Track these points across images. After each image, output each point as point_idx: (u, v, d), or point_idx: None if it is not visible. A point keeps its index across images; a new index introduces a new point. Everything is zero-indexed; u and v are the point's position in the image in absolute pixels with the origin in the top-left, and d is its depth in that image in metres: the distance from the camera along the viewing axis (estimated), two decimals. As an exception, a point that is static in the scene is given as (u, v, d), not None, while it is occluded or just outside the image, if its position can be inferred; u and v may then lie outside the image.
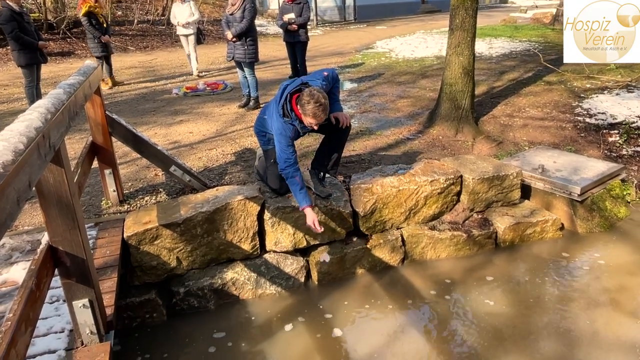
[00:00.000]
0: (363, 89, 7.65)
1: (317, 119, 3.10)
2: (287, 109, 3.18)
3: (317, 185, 3.64)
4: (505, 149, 5.19)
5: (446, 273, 3.74)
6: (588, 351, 2.90)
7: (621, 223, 4.29)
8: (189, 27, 8.59)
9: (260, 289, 3.51)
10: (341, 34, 15.90)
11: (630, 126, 5.46)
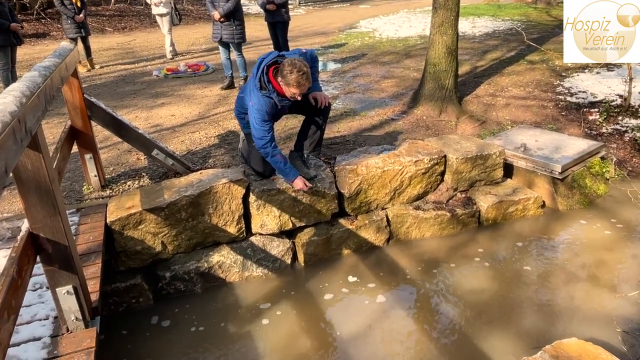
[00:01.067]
0: (347, 70, 7.60)
1: (301, 88, 3.07)
2: (264, 81, 3.15)
3: (302, 168, 3.63)
4: (489, 128, 5.23)
5: (431, 252, 3.79)
6: (568, 324, 2.99)
7: (600, 200, 4.39)
8: (162, 6, 8.31)
9: (247, 271, 3.52)
10: (324, 14, 15.69)
11: (610, 105, 5.54)
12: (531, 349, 2.71)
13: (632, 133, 5.18)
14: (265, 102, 3.18)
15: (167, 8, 8.35)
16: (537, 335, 2.89)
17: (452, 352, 2.83)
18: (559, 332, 2.88)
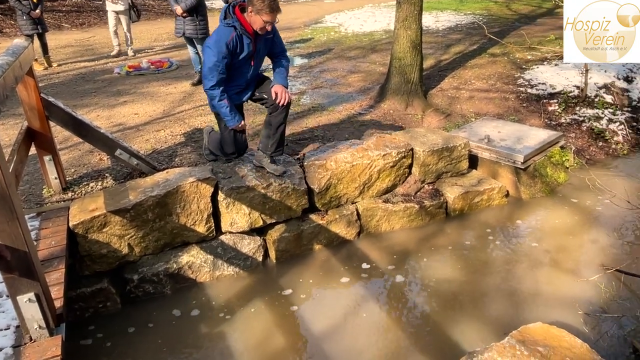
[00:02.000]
0: (314, 65, 7.59)
1: (272, 15, 3.05)
2: (229, 12, 3.14)
3: (270, 165, 3.61)
4: (453, 120, 5.33)
5: (401, 244, 3.85)
6: (533, 308, 3.09)
7: (561, 188, 4.55)
8: (120, 3, 7.95)
9: (218, 270, 3.47)
10: (289, 8, 15.59)
11: (568, 96, 5.75)
12: (500, 335, 2.79)
13: (589, 123, 5.40)
14: (225, 33, 3.09)
15: (124, 5, 8.01)
16: (505, 321, 2.98)
17: (425, 341, 2.88)
18: (525, 317, 2.97)
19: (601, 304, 3.08)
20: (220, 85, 3.21)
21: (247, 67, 3.35)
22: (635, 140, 5.41)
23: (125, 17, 8.12)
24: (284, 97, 3.34)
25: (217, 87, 3.21)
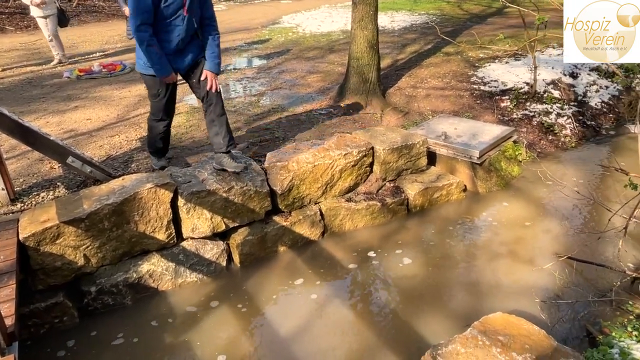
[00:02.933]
0: (272, 66, 7.55)
1: None
2: None
3: (231, 163, 3.57)
4: (411, 118, 5.43)
5: (365, 242, 3.89)
6: (493, 299, 3.19)
7: (515, 181, 4.73)
8: (46, 7, 7.24)
9: (180, 278, 3.39)
10: (246, 9, 15.45)
11: (518, 92, 5.97)
12: (462, 326, 2.86)
13: (539, 117, 5.63)
14: None
15: (51, 9, 7.35)
16: (467, 312, 3.07)
17: (391, 337, 2.92)
18: (486, 308, 3.07)
19: (556, 291, 3.22)
20: (148, 27, 3.11)
21: (179, 21, 3.22)
22: (581, 133, 5.69)
23: (53, 23, 7.44)
24: (214, 84, 3.38)
25: (145, 29, 3.10)
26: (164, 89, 3.46)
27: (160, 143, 3.86)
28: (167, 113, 3.66)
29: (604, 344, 2.59)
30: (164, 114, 3.63)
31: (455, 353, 2.12)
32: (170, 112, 3.70)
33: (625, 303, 3.01)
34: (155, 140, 3.83)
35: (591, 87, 6.44)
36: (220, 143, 3.55)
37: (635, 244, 3.61)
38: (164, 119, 3.68)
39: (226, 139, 3.55)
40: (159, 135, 3.77)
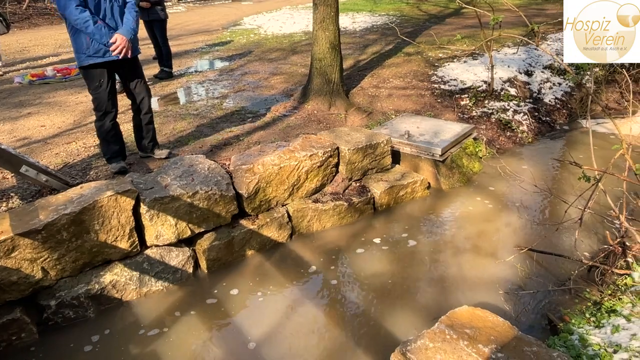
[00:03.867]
0: (235, 68, 7.47)
1: None
2: None
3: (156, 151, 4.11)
4: (375, 118, 5.50)
5: (333, 242, 3.90)
6: (459, 293, 3.27)
7: (476, 177, 4.86)
8: None
9: (145, 287, 3.30)
10: (206, 11, 15.23)
11: (477, 90, 6.15)
12: (430, 321, 2.91)
13: (497, 114, 5.81)
14: None
15: None
16: (435, 307, 3.12)
17: (361, 335, 2.94)
18: (452, 302, 3.14)
19: (518, 282, 3.33)
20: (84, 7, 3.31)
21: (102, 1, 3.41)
22: (537, 129, 5.92)
23: None
24: (121, 45, 3.46)
25: (83, 9, 3.30)
26: (105, 78, 3.57)
27: (115, 144, 3.83)
28: (112, 103, 3.69)
29: (565, 331, 2.69)
30: (108, 105, 3.67)
31: (424, 348, 2.15)
32: (114, 103, 3.72)
33: (583, 291, 3.14)
34: (108, 142, 3.80)
35: (545, 84, 6.71)
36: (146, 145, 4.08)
37: (590, 234, 3.77)
38: (109, 110, 3.70)
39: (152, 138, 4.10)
40: (110, 133, 3.76)
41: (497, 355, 2.08)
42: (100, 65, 3.53)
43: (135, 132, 4.07)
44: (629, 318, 2.63)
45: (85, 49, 3.44)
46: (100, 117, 3.70)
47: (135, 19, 3.60)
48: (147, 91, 3.92)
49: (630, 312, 2.66)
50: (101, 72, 3.56)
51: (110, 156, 3.85)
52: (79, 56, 3.50)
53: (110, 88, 3.64)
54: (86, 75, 3.59)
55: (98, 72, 3.55)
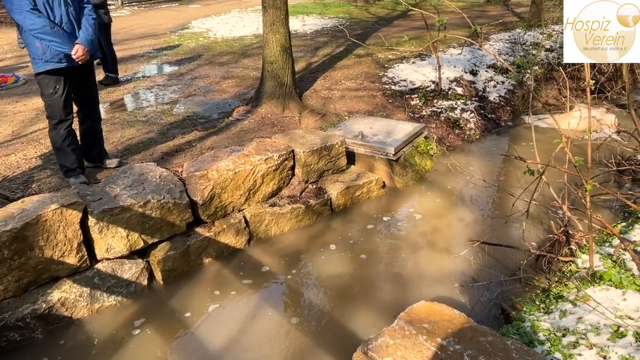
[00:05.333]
0: (184, 72, 7.31)
1: None
2: None
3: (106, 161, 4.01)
4: (329, 120, 5.53)
5: (292, 245, 3.89)
6: (416, 288, 3.34)
7: (429, 174, 4.99)
8: None
9: (97, 303, 3.16)
10: (152, 14, 14.81)
11: (426, 90, 6.32)
12: (390, 318, 2.96)
13: (446, 113, 6.00)
14: None
15: None
16: (394, 304, 3.18)
17: (324, 337, 2.95)
18: (411, 298, 3.19)
19: (472, 275, 3.45)
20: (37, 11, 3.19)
21: (56, 3, 3.29)
22: (484, 126, 6.16)
23: None
24: (82, 56, 3.38)
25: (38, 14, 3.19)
26: (61, 85, 3.42)
27: (72, 154, 3.65)
28: (67, 112, 3.55)
29: (517, 319, 2.81)
30: (63, 113, 3.52)
31: (385, 346, 2.18)
32: (69, 111, 3.58)
33: (532, 279, 3.30)
34: (65, 152, 3.62)
35: (489, 83, 7.00)
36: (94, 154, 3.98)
37: (537, 224, 3.96)
38: (64, 118, 3.56)
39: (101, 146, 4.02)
40: (65, 142, 3.58)
41: (455, 347, 2.14)
42: (58, 71, 3.39)
43: (83, 140, 3.89)
44: (575, 303, 2.78)
45: (42, 54, 3.30)
46: (54, 126, 3.53)
47: (93, 27, 3.51)
48: (97, 98, 3.83)
49: (576, 297, 2.82)
50: (57, 79, 3.41)
51: (67, 168, 3.66)
52: (35, 62, 3.36)
53: (66, 95, 3.50)
54: (41, 81, 3.42)
55: (54, 79, 3.41)
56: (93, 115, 3.83)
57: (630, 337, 2.39)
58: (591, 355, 2.33)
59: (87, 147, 3.92)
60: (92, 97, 3.77)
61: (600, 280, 2.89)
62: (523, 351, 2.13)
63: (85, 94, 3.71)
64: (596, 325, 2.53)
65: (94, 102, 3.80)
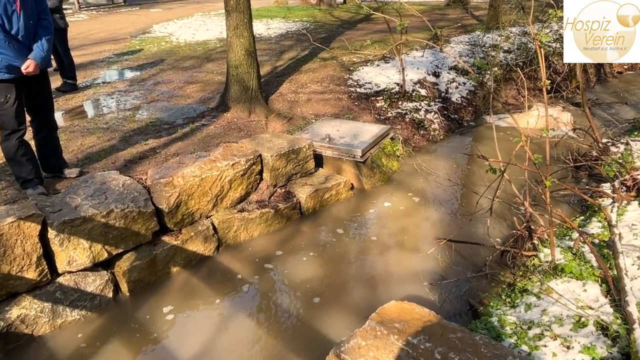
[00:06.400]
0: (146, 77, 7.14)
1: None
2: None
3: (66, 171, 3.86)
4: (296, 123, 5.53)
5: (261, 250, 3.85)
6: (387, 288, 3.38)
7: (396, 175, 5.06)
8: None
9: (60, 318, 3.04)
10: (111, 19, 14.42)
11: (391, 92, 6.41)
12: (362, 320, 2.98)
13: (411, 115, 6.10)
14: None
15: None
16: (366, 305, 3.19)
17: (297, 340, 2.93)
18: (382, 298, 3.22)
19: (440, 272, 3.51)
20: None
21: (15, 16, 3.21)
22: (447, 127, 6.30)
23: None
24: (31, 70, 3.31)
25: None
26: (13, 94, 3.30)
27: (27, 164, 3.50)
28: (19, 121, 3.41)
29: (485, 314, 2.88)
30: (15, 123, 3.38)
31: (357, 347, 2.19)
32: (22, 120, 3.44)
33: (498, 274, 3.39)
34: (19, 163, 3.47)
35: (452, 84, 7.16)
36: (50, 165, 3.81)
37: (501, 221, 4.08)
38: (17, 128, 3.41)
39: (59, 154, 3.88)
40: (19, 152, 3.44)
41: (426, 345, 2.17)
42: (9, 80, 3.26)
43: (39, 151, 3.74)
44: (539, 295, 2.88)
45: None
46: (5, 137, 3.38)
47: (50, 42, 3.44)
48: (52, 106, 3.73)
49: (540, 290, 2.91)
50: (8, 87, 3.29)
51: (24, 179, 3.51)
52: None
53: (18, 104, 3.36)
54: None
55: (5, 87, 3.29)
56: (48, 124, 3.70)
57: (591, 327, 2.49)
58: (556, 345, 2.42)
59: (44, 157, 3.77)
60: (47, 105, 3.65)
61: (562, 273, 3.00)
62: (491, 345, 2.18)
63: (39, 103, 3.58)
64: (559, 316, 2.62)
65: (48, 111, 3.67)
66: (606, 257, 3.04)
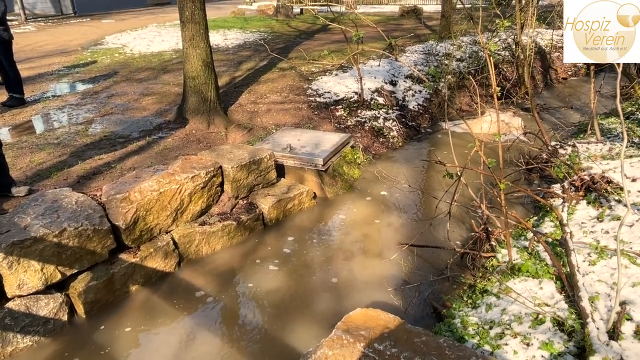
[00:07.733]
0: (99, 90, 6.92)
1: None
2: None
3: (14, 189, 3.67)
4: (256, 134, 5.50)
5: (225, 264, 3.78)
6: (352, 296, 3.38)
7: (357, 183, 5.11)
8: None
9: (10, 346, 2.86)
10: (61, 30, 13.92)
11: (350, 101, 6.49)
12: (329, 328, 2.96)
13: (370, 122, 6.19)
14: None
15: None
16: (332, 314, 3.19)
17: (263, 353, 2.89)
18: (348, 306, 3.22)
19: (403, 277, 3.56)
20: None
21: None
22: (406, 134, 6.43)
23: None
24: None
25: None
26: None
27: None
28: None
29: (448, 316, 2.94)
30: None
31: (324, 357, 2.18)
32: None
33: (459, 276, 3.47)
34: None
35: (408, 92, 7.33)
36: None
37: (459, 224, 4.19)
38: None
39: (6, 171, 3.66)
40: None
41: (392, 350, 2.19)
42: None
43: None
44: (498, 295, 2.96)
45: None
46: None
47: None
48: None
49: (499, 290, 3.00)
50: None
51: None
52: None
53: None
54: None
55: None
56: None
57: (549, 323, 2.58)
58: (516, 343, 2.49)
59: None
60: None
61: (519, 272, 3.10)
62: (455, 347, 2.22)
63: None
64: (518, 315, 2.70)
65: None
66: (559, 255, 3.17)
